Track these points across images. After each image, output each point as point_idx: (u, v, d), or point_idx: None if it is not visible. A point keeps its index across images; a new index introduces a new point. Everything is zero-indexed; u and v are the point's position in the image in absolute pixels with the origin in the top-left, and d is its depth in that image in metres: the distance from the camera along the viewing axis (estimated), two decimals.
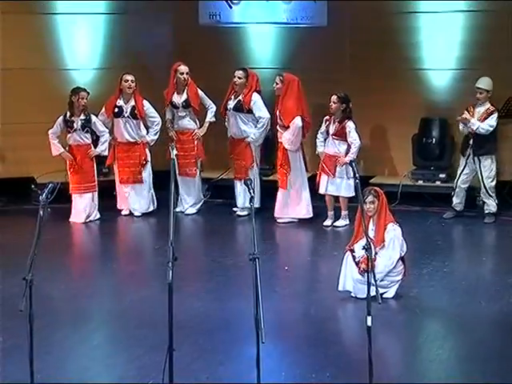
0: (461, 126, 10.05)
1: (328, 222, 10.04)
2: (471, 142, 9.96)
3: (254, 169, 10.37)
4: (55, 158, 10.31)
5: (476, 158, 9.98)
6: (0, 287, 7.62)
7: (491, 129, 9.90)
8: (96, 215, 10.28)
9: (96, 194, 10.29)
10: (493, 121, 9.90)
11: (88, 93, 10.12)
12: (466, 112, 9.93)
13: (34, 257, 4.99)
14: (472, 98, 10.04)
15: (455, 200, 10.21)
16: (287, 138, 10.00)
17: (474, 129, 9.85)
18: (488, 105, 9.98)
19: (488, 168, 10.01)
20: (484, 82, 9.94)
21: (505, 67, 10.47)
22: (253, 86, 10.24)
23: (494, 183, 10.06)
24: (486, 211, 10.10)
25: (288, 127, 9.99)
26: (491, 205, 10.08)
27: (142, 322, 6.89)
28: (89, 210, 10.21)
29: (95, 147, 10.28)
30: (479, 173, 10.01)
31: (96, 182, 10.30)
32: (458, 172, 10.16)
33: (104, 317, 7.42)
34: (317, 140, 10.06)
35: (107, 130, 10.30)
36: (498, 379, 5.80)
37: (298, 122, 9.92)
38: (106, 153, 10.36)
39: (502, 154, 10.62)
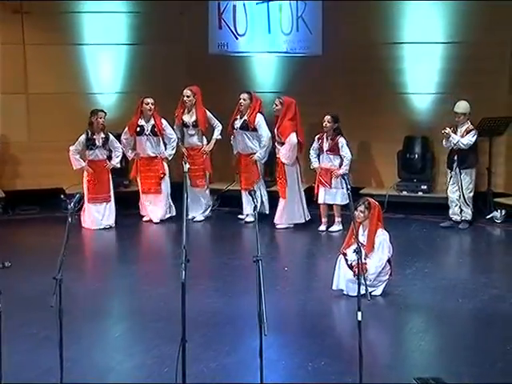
0: (444, 142, 10.04)
1: (322, 228, 10.05)
2: (455, 157, 9.96)
3: (259, 182, 10.38)
4: (82, 172, 10.30)
5: (458, 171, 10.00)
6: (34, 285, 7.63)
7: (470, 143, 9.88)
8: (112, 223, 10.22)
9: (111, 203, 10.24)
10: (471, 137, 9.90)
11: (105, 113, 10.14)
12: (447, 128, 9.93)
13: (63, 258, 5.00)
14: (450, 117, 10.05)
15: (450, 211, 10.17)
16: (283, 153, 10.01)
17: (455, 142, 9.86)
18: (468, 124, 9.98)
19: (468, 180, 10.02)
20: (461, 107, 9.94)
21: (478, 91, 10.48)
22: (256, 108, 10.26)
23: (471, 194, 10.06)
24: (463, 218, 10.10)
25: (283, 143, 10.02)
26: (467, 213, 10.07)
27: (158, 317, 6.89)
28: (103, 217, 10.19)
29: (109, 161, 10.28)
30: (460, 184, 10.01)
31: (111, 193, 10.27)
32: (447, 184, 10.16)
33: (124, 312, 7.42)
34: (310, 156, 10.08)
35: (121, 146, 10.29)
36: (473, 367, 5.80)
37: (293, 138, 9.95)
38: (119, 165, 10.32)
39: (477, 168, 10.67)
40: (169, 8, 11.44)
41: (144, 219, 10.52)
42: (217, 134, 10.50)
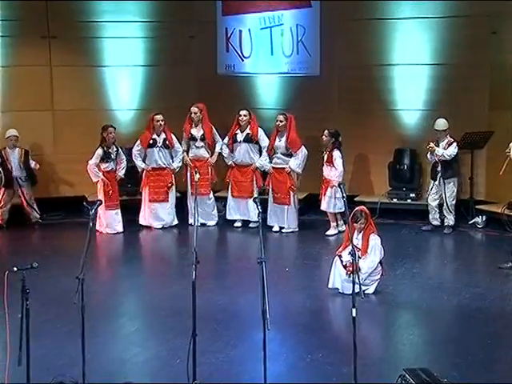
0: (429, 156, 10.04)
1: (331, 232, 10.02)
2: (439, 168, 9.95)
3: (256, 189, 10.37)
4: (97, 182, 10.24)
5: (442, 181, 9.98)
6: (58, 284, 7.63)
7: (453, 154, 9.87)
8: (119, 228, 10.13)
9: (119, 210, 10.19)
10: (453, 148, 9.90)
11: (115, 128, 10.13)
12: (431, 143, 9.92)
13: (84, 260, 5.01)
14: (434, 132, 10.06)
15: (430, 216, 10.18)
16: (297, 163, 10.00)
17: (439, 155, 9.84)
18: (448, 138, 9.98)
19: (451, 189, 10.02)
20: (440, 125, 9.94)
21: (460, 108, 10.49)
22: (255, 122, 10.29)
23: (454, 202, 10.05)
24: (446, 223, 10.09)
25: (290, 155, 10.01)
26: (450, 219, 10.07)
27: (170, 313, 6.89)
28: (118, 223, 10.13)
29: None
30: (443, 193, 10.00)
31: (118, 201, 10.24)
32: (428, 193, 10.15)
33: (140, 308, 7.42)
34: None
35: (125, 158, 10.23)
36: (457, 359, 5.80)
37: (304, 150, 10.02)
38: (122, 176, 10.26)
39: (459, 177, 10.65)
40: (181, 33, 11.49)
41: (154, 226, 10.42)
42: (218, 148, 10.50)
